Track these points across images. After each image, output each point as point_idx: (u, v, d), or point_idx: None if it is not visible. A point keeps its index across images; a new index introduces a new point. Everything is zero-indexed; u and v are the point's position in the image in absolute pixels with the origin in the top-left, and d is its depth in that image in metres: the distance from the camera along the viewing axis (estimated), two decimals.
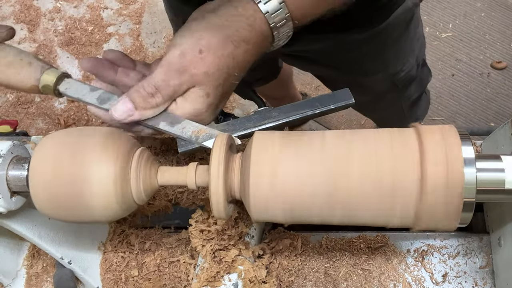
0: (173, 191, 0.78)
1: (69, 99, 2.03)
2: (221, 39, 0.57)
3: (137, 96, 0.58)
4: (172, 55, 0.58)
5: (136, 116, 0.59)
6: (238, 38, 0.57)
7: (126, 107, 0.58)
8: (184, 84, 0.58)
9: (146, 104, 0.58)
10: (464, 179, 0.49)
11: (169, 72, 0.57)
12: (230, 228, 0.66)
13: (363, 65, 1.02)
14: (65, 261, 0.68)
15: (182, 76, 0.57)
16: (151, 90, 0.58)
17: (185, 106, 0.59)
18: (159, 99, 0.58)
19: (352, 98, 0.61)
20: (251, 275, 0.64)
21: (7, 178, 0.57)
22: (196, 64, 0.57)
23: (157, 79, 0.58)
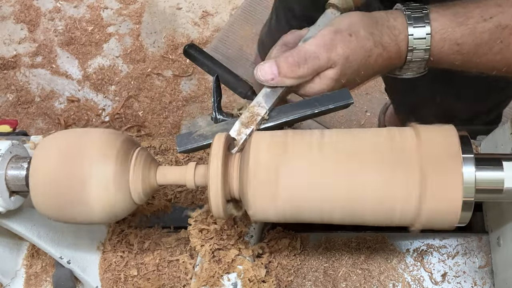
0: (172, 190, 0.78)
1: (69, 99, 2.03)
2: (368, 34, 0.60)
3: (284, 62, 0.60)
4: (328, 31, 0.60)
5: (276, 81, 0.60)
6: (379, 39, 0.60)
7: (270, 69, 0.60)
8: (329, 61, 0.59)
9: (290, 73, 0.60)
10: (463, 178, 0.49)
11: (321, 46, 0.59)
12: (230, 227, 0.66)
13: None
14: (64, 260, 0.68)
15: (330, 53, 0.59)
16: (300, 60, 0.59)
17: (317, 84, 0.61)
18: (304, 70, 0.60)
19: (351, 98, 0.61)
20: (251, 275, 0.64)
21: (6, 178, 0.57)
22: (343, 45, 0.59)
23: (308, 50, 0.59)
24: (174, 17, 2.20)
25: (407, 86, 1.09)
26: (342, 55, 0.59)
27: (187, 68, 2.05)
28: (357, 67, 0.61)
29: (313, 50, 0.59)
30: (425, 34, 0.60)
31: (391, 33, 0.61)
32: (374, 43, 0.60)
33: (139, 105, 2.01)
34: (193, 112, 1.98)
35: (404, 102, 1.24)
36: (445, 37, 0.60)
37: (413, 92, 1.07)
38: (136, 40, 2.15)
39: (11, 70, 2.13)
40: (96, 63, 2.11)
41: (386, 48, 0.61)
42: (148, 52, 2.12)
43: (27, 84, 2.09)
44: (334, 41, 0.59)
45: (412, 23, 0.60)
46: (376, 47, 0.61)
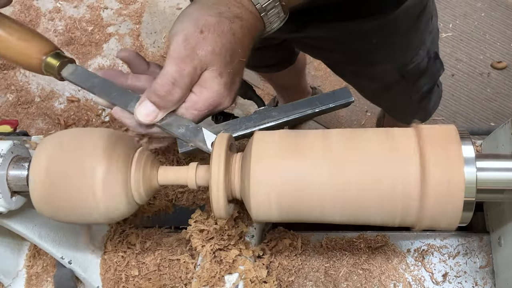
0: (174, 191, 0.78)
1: (69, 99, 2.03)
2: (217, 17, 0.58)
3: (156, 96, 0.58)
4: (177, 42, 0.57)
5: (160, 116, 0.59)
6: (231, 14, 0.58)
7: (148, 109, 0.58)
8: (197, 69, 0.57)
9: (166, 102, 0.58)
10: (464, 178, 0.49)
11: (179, 61, 0.57)
12: (231, 228, 0.66)
13: (372, 55, 1.03)
14: (65, 260, 0.68)
15: (193, 61, 0.57)
16: (169, 87, 0.57)
17: (203, 92, 0.59)
18: (178, 93, 0.58)
19: (351, 97, 0.61)
20: (252, 275, 0.65)
21: (7, 178, 0.57)
22: (201, 45, 0.57)
23: (171, 72, 0.57)
24: (174, 17, 2.19)
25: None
26: (206, 55, 0.57)
27: None
28: (230, 51, 0.58)
29: (174, 70, 0.57)
30: None
31: (235, 1, 0.59)
32: (229, 20, 0.58)
33: None
34: None
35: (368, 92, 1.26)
36: None
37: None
38: (136, 40, 2.15)
39: (11, 70, 2.13)
40: (96, 63, 2.11)
41: (243, 18, 0.59)
42: (148, 52, 2.12)
43: (27, 84, 2.09)
44: (189, 48, 0.57)
45: None
46: (233, 23, 0.58)
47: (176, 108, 0.60)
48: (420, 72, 1.13)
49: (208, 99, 0.59)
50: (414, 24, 1.00)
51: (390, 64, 1.08)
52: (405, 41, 1.03)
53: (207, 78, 0.58)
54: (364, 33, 0.95)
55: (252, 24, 0.60)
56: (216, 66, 0.58)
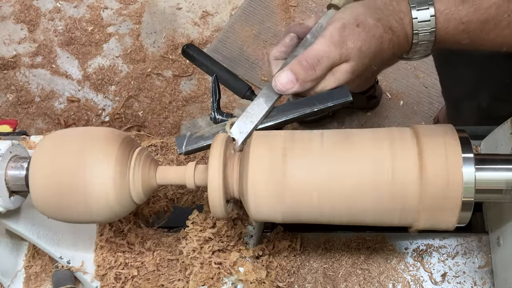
0: (173, 190, 0.78)
1: (69, 99, 2.03)
2: (375, 20, 0.59)
3: (299, 68, 0.59)
4: (334, 27, 0.60)
5: (296, 88, 0.60)
6: (387, 24, 0.60)
7: (288, 78, 0.60)
8: (342, 57, 0.59)
9: (307, 76, 0.59)
10: (463, 178, 0.49)
11: (330, 44, 0.59)
12: (229, 228, 0.66)
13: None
14: (64, 260, 0.68)
15: (341, 48, 0.59)
16: (314, 62, 0.59)
17: (330, 80, 0.61)
18: (319, 71, 0.59)
19: (349, 96, 0.61)
20: (251, 276, 0.64)
21: (5, 178, 0.57)
22: (353, 38, 0.59)
23: (319, 51, 0.59)
24: (174, 17, 2.19)
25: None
26: (353, 48, 0.59)
27: (187, 68, 2.05)
28: (372, 55, 0.60)
29: (323, 50, 0.59)
30: (429, 16, 0.59)
31: (397, 16, 0.60)
32: (384, 28, 0.60)
33: (139, 105, 2.01)
34: (193, 112, 1.98)
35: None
36: (449, 17, 0.59)
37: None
38: (136, 40, 2.15)
39: (11, 70, 2.13)
40: (96, 63, 2.10)
41: (395, 33, 0.60)
42: (148, 52, 2.12)
43: (27, 84, 2.09)
44: (343, 36, 0.59)
45: (415, 6, 0.59)
46: (386, 33, 0.60)
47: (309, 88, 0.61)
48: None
49: (328, 86, 0.61)
50: None
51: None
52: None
53: (341, 69, 0.60)
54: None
55: (401, 43, 0.61)
56: (355, 63, 0.60)
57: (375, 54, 0.60)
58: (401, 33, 0.60)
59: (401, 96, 1.94)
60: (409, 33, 0.61)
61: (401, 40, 0.61)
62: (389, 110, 1.93)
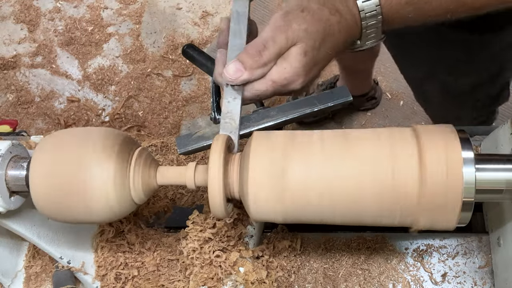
0: (173, 191, 0.78)
1: (69, 99, 2.03)
2: (319, 4, 0.60)
3: (245, 55, 0.60)
4: (278, 14, 0.61)
5: (245, 76, 0.60)
6: (333, 7, 0.60)
7: (235, 66, 0.60)
8: (288, 40, 0.59)
9: (254, 63, 0.60)
10: (463, 178, 0.49)
11: (275, 28, 0.59)
12: (230, 228, 0.66)
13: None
14: (64, 260, 0.68)
15: (286, 32, 0.59)
16: (259, 47, 0.59)
17: (284, 65, 0.60)
18: (266, 57, 0.60)
19: (350, 96, 0.61)
20: (252, 276, 0.64)
21: (6, 178, 0.57)
22: (298, 20, 0.59)
23: (264, 37, 0.60)
24: (174, 17, 2.20)
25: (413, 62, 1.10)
26: (299, 30, 0.59)
27: (187, 68, 2.05)
28: (321, 38, 0.60)
29: (269, 35, 0.59)
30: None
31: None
32: (330, 11, 0.60)
33: (139, 105, 2.01)
34: (193, 112, 1.99)
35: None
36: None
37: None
38: (136, 40, 2.15)
39: (11, 70, 2.13)
40: (96, 63, 2.11)
41: (342, 15, 0.61)
42: (148, 52, 2.12)
43: (27, 84, 2.09)
44: (287, 20, 0.59)
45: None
46: (333, 15, 0.60)
47: (260, 76, 0.61)
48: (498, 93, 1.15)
49: (284, 73, 0.60)
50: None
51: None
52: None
53: (292, 52, 0.60)
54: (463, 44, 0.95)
55: (350, 25, 0.62)
56: (305, 44, 0.59)
57: (324, 37, 0.60)
58: (348, 15, 0.61)
59: (401, 96, 1.95)
60: (356, 14, 0.61)
61: (350, 22, 0.61)
62: (389, 110, 1.93)
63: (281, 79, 0.60)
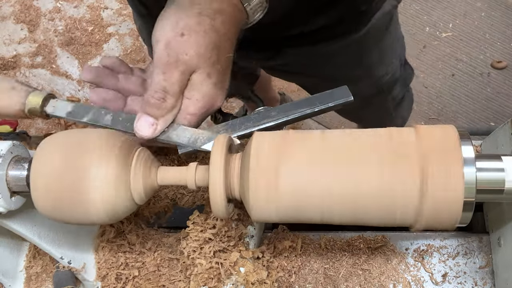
0: (174, 191, 0.78)
1: (69, 99, 2.03)
2: (196, 17, 0.56)
3: (150, 107, 0.58)
4: (159, 50, 0.57)
5: (160, 126, 0.59)
6: (211, 11, 0.56)
7: (147, 122, 0.58)
8: (184, 73, 0.57)
9: (162, 111, 0.58)
10: (464, 178, 0.49)
11: (165, 68, 0.56)
12: (230, 229, 0.66)
13: (347, 73, 1.01)
14: (64, 261, 0.68)
15: (178, 67, 0.56)
16: (161, 95, 0.57)
17: (195, 96, 0.58)
18: (171, 100, 0.57)
19: (350, 96, 0.61)
20: (252, 277, 0.65)
21: (7, 178, 0.57)
22: (183, 49, 0.56)
23: (160, 81, 0.57)
24: None
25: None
26: (189, 59, 0.56)
27: None
28: (216, 49, 0.57)
29: (162, 78, 0.56)
30: None
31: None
32: (209, 18, 0.56)
33: None
34: None
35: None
36: None
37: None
38: (136, 40, 2.15)
39: (11, 70, 2.13)
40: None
41: (223, 12, 0.57)
42: (148, 52, 2.12)
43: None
44: (172, 54, 0.56)
45: None
46: (214, 19, 0.56)
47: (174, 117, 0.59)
48: (395, 81, 1.12)
49: (199, 102, 0.59)
50: (385, 35, 0.99)
51: (367, 79, 1.06)
52: (378, 53, 1.02)
53: (196, 81, 0.58)
54: (337, 53, 0.94)
55: (235, 16, 0.58)
56: (203, 68, 0.57)
57: (218, 46, 0.57)
58: (229, 8, 0.57)
59: None
60: (237, 1, 0.58)
61: (234, 13, 0.58)
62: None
63: (199, 109, 0.59)
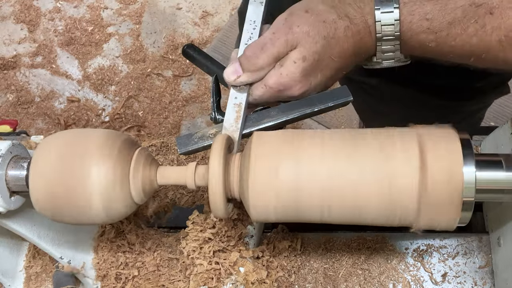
0: (173, 191, 0.78)
1: (69, 99, 2.03)
2: (328, 6, 0.57)
3: (243, 57, 0.59)
4: (281, 16, 0.59)
5: (243, 78, 0.59)
6: (342, 11, 0.57)
7: (234, 68, 0.60)
8: (288, 43, 0.57)
9: (250, 65, 0.59)
10: (463, 178, 0.49)
11: (275, 30, 0.58)
12: (230, 229, 0.66)
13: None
14: (64, 261, 0.68)
15: (287, 34, 0.57)
16: (257, 50, 0.58)
17: (280, 69, 0.58)
18: (263, 60, 0.58)
19: (350, 96, 0.61)
20: (252, 276, 0.64)
21: (6, 178, 0.57)
22: (300, 21, 0.57)
23: (265, 37, 0.58)
24: (174, 17, 2.20)
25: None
26: (299, 32, 0.56)
27: (187, 68, 2.05)
28: (323, 41, 0.57)
29: (268, 37, 0.58)
30: (392, 7, 0.55)
31: (355, 5, 0.57)
32: (338, 15, 0.56)
33: (139, 105, 2.01)
34: (193, 112, 1.99)
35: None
36: (413, 9, 0.55)
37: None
38: (136, 40, 2.15)
39: (11, 70, 2.13)
40: (96, 63, 2.11)
41: (352, 21, 0.56)
42: (148, 52, 2.12)
43: (27, 84, 2.09)
44: (289, 22, 0.57)
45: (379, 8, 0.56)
46: (341, 19, 0.56)
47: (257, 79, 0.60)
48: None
49: (280, 78, 0.59)
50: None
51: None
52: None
53: (290, 56, 0.58)
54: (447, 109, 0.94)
55: (361, 34, 0.57)
56: (304, 48, 0.57)
57: (328, 41, 0.57)
58: (360, 23, 0.57)
59: None
60: (371, 24, 0.57)
61: (361, 30, 0.57)
62: None
63: (277, 85, 0.59)
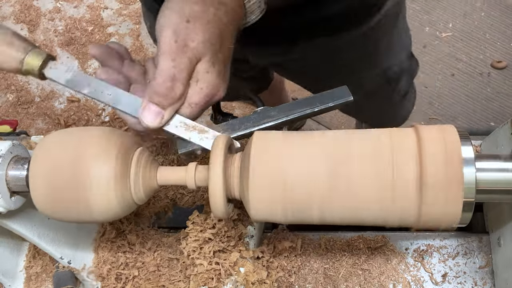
0: (173, 191, 0.78)
1: (69, 99, 2.03)
2: (201, 4, 0.56)
3: (158, 96, 0.56)
4: (166, 36, 0.56)
5: (167, 115, 0.57)
6: (215, 1, 0.57)
7: (154, 111, 0.57)
8: (192, 60, 0.56)
9: (170, 100, 0.56)
10: (463, 179, 0.49)
11: (174, 55, 0.55)
12: (230, 229, 0.66)
13: (355, 66, 1.01)
14: (64, 261, 0.68)
15: (186, 53, 0.56)
16: (169, 83, 0.56)
17: (198, 85, 0.57)
18: (179, 88, 0.56)
19: (350, 96, 0.61)
20: (252, 277, 0.64)
21: (6, 178, 0.57)
22: (190, 36, 0.55)
23: (168, 69, 0.55)
24: None
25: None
26: (197, 46, 0.56)
27: None
28: (219, 38, 0.57)
29: (170, 67, 0.55)
30: None
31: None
32: (213, 7, 0.56)
33: None
34: None
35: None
36: None
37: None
38: (136, 40, 2.15)
39: None
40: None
41: (226, 4, 0.57)
42: (148, 52, 2.12)
43: (27, 84, 2.09)
44: (180, 42, 0.55)
45: None
46: (218, 9, 0.56)
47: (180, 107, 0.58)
48: (401, 72, 1.12)
49: (203, 91, 0.58)
50: (394, 26, 0.99)
51: (375, 70, 1.06)
52: (388, 44, 1.01)
53: (200, 69, 0.57)
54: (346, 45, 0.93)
55: (236, 10, 0.59)
56: (209, 56, 0.57)
57: (221, 35, 0.57)
58: (231, 1, 0.58)
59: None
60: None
61: (235, 7, 0.58)
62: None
63: (203, 99, 0.58)
